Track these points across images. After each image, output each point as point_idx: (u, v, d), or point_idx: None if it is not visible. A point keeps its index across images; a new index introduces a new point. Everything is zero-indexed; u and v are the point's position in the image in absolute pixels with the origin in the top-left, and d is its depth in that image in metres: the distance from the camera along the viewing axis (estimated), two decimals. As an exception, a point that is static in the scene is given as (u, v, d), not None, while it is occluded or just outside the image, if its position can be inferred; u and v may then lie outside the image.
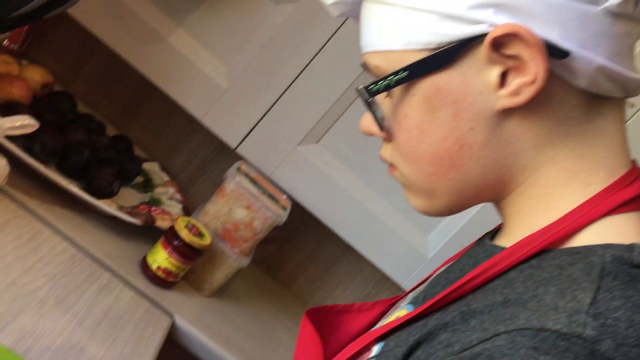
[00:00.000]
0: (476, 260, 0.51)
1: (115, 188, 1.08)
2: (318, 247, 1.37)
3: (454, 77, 0.46)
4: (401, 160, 0.52)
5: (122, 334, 0.88)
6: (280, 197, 1.14)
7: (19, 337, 0.74)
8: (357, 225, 1.17)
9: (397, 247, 1.17)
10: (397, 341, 0.48)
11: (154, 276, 1.02)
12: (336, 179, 1.17)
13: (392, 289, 1.35)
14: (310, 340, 0.59)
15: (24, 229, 0.90)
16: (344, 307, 0.67)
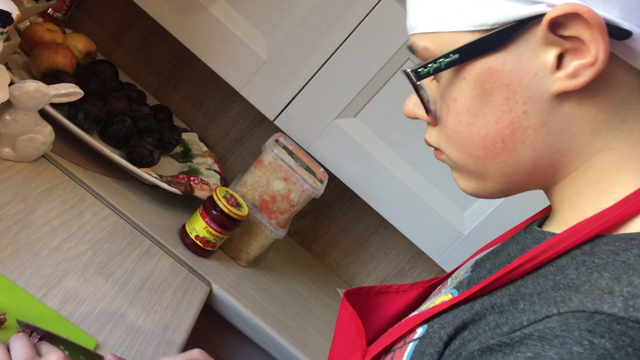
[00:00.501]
0: (524, 246, 0.50)
1: (156, 157, 1.10)
2: (353, 221, 1.37)
3: (508, 59, 0.45)
4: (448, 144, 0.51)
5: (162, 299, 0.90)
6: (318, 170, 1.14)
7: (64, 300, 0.77)
8: (393, 200, 1.17)
9: (432, 223, 1.17)
10: (442, 323, 0.48)
11: (193, 245, 1.04)
12: (373, 153, 1.16)
13: (425, 264, 1.35)
14: (351, 322, 0.59)
15: (68, 195, 0.93)
16: (382, 288, 0.67)
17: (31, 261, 0.77)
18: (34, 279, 0.75)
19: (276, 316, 1.09)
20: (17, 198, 0.84)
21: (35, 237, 0.81)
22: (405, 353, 0.49)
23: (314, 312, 1.21)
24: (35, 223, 0.83)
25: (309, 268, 1.35)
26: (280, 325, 1.07)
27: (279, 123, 1.17)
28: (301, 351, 1.05)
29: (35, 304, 0.71)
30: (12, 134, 0.87)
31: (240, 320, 1.04)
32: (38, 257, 0.78)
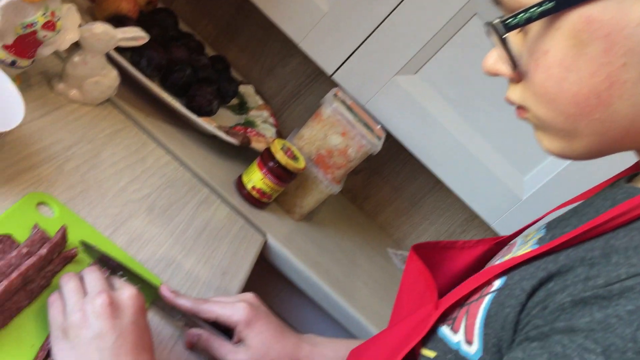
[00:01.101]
0: (614, 201, 0.49)
1: (214, 107, 1.10)
2: (406, 181, 1.36)
3: (609, 8, 0.42)
4: (536, 101, 0.49)
5: (219, 247, 0.92)
6: (375, 127, 1.13)
7: (129, 240, 0.78)
8: (450, 161, 1.15)
9: (490, 186, 1.15)
10: (523, 275, 0.46)
11: (249, 195, 1.05)
12: (432, 112, 1.14)
13: (479, 228, 1.33)
14: (420, 275, 0.59)
15: (131, 140, 0.94)
16: (448, 244, 0.66)
17: (99, 200, 0.78)
18: (101, 218, 0.77)
19: (327, 270, 1.09)
20: (84, 139, 0.85)
21: (102, 178, 0.82)
22: (482, 305, 0.48)
23: (364, 268, 1.21)
24: (102, 164, 0.84)
25: (359, 226, 1.35)
26: (331, 279, 1.08)
27: (336, 78, 1.15)
28: (351, 305, 1.06)
29: (103, 242, 0.73)
30: (80, 76, 0.88)
31: (292, 272, 1.04)
32: (105, 197, 0.80)
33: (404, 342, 0.51)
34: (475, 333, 0.47)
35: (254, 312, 0.70)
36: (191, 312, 0.70)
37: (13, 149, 0.73)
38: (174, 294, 0.70)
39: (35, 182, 0.72)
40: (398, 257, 1.32)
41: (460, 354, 0.48)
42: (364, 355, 0.58)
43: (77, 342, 0.54)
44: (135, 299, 0.57)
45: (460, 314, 0.50)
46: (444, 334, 0.50)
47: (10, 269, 0.58)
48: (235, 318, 0.69)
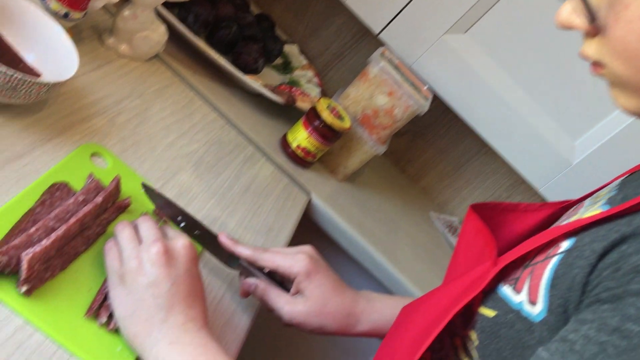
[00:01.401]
0: None
1: (260, 65, 1.09)
2: (451, 144, 1.34)
3: None
4: (614, 57, 0.47)
5: (265, 203, 0.92)
6: (422, 87, 1.11)
7: (179, 193, 0.79)
8: (498, 124, 1.12)
9: (539, 150, 1.12)
10: (594, 236, 0.45)
11: (293, 154, 1.05)
12: (482, 72, 1.11)
13: (525, 193, 1.30)
14: (478, 233, 0.57)
15: (179, 96, 0.95)
16: (509, 206, 0.64)
17: (149, 154, 0.79)
18: (152, 171, 0.78)
19: (370, 230, 1.09)
20: (134, 94, 0.86)
21: (152, 132, 0.83)
22: (548, 266, 0.47)
23: (406, 231, 1.20)
24: (151, 119, 0.85)
25: (402, 189, 1.34)
26: (374, 239, 1.08)
27: (383, 37, 1.13)
28: (393, 265, 1.05)
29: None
30: (130, 30, 0.88)
31: (336, 231, 1.05)
32: (155, 150, 0.81)
33: (459, 298, 0.50)
34: (539, 294, 0.46)
35: (314, 264, 0.69)
36: (250, 260, 0.69)
37: (68, 100, 0.74)
38: (233, 242, 0.70)
39: (89, 133, 0.73)
40: (440, 220, 1.31)
41: (522, 314, 0.47)
42: (416, 312, 0.58)
43: (134, 288, 0.55)
44: (188, 249, 0.58)
45: (523, 275, 0.49)
46: (505, 293, 0.49)
47: (68, 215, 0.59)
48: (296, 269, 0.68)
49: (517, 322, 0.47)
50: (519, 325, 0.47)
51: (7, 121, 0.64)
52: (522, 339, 0.47)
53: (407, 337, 0.55)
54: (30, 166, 0.62)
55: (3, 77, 0.59)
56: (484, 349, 0.50)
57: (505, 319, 0.48)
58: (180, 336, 0.53)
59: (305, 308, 0.67)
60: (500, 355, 0.48)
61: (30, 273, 0.52)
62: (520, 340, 0.47)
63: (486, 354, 0.50)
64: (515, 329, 0.47)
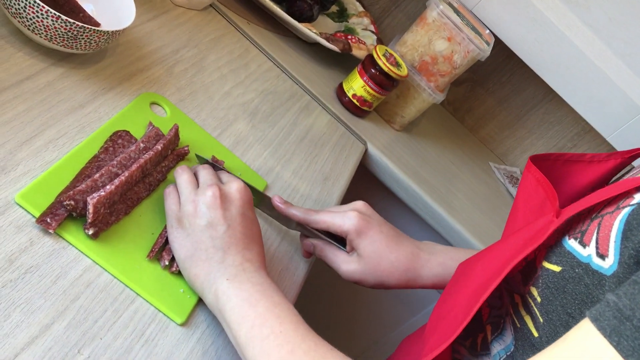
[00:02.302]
0: None
1: (315, 12, 1.07)
2: (513, 93, 1.29)
3: None
4: None
5: (321, 152, 0.92)
6: (484, 32, 1.06)
7: (236, 142, 0.80)
8: (565, 69, 1.07)
9: (608, 95, 1.06)
10: None
11: (350, 103, 1.03)
12: (548, 14, 1.05)
13: (591, 142, 1.25)
14: (538, 185, 0.54)
15: (234, 45, 0.94)
16: (573, 156, 0.60)
17: (206, 103, 0.80)
18: (209, 120, 0.78)
19: (427, 180, 1.07)
20: (190, 43, 0.86)
21: (209, 82, 0.83)
22: (618, 217, 0.44)
23: (464, 181, 1.18)
24: (207, 69, 0.85)
25: (460, 139, 1.31)
26: (431, 189, 1.06)
27: (442, -20, 1.08)
28: (450, 215, 1.04)
29: (212, 142, 0.75)
30: (185, -20, 0.88)
31: (392, 181, 1.04)
32: (212, 100, 0.81)
33: (518, 251, 0.48)
34: (610, 246, 0.43)
35: (365, 220, 0.68)
36: (303, 222, 0.69)
37: (126, 50, 0.75)
38: (286, 205, 0.69)
39: (147, 83, 0.74)
40: (501, 171, 1.27)
41: (591, 268, 0.44)
42: (475, 267, 0.56)
43: (192, 230, 0.56)
44: (243, 192, 0.59)
45: (591, 227, 0.46)
46: (572, 247, 0.47)
47: (130, 161, 0.61)
48: (346, 227, 0.67)
49: (586, 276, 0.45)
50: (587, 279, 0.44)
51: (69, 71, 0.66)
52: (591, 293, 0.44)
53: (465, 292, 0.54)
54: (92, 114, 0.64)
55: (64, 26, 0.60)
56: (548, 304, 0.48)
57: (573, 273, 0.46)
58: (238, 274, 0.55)
59: (360, 267, 0.67)
60: (566, 312, 0.46)
61: (96, 216, 0.54)
62: (589, 296, 0.44)
63: (550, 310, 0.47)
64: (583, 283, 0.45)
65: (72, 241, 0.53)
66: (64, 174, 0.56)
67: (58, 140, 0.59)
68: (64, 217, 0.53)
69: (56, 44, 0.62)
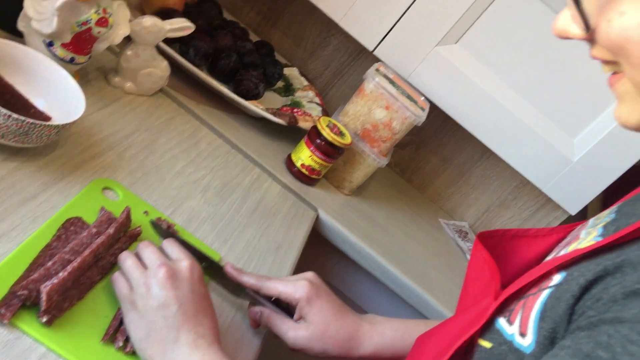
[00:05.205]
0: None
1: (261, 90, 1.14)
2: (454, 152, 1.36)
3: None
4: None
5: (273, 222, 0.96)
6: (419, 99, 1.14)
7: (189, 219, 0.83)
8: (496, 128, 1.15)
9: (539, 150, 1.14)
10: (582, 270, 0.45)
11: (299, 172, 1.08)
12: (476, 80, 1.14)
13: (530, 194, 1.32)
14: (485, 265, 0.58)
15: (185, 126, 0.99)
16: (519, 232, 0.64)
17: (158, 184, 0.84)
18: (161, 200, 0.82)
19: (380, 241, 1.12)
20: (141, 127, 0.91)
21: (160, 163, 0.87)
22: (539, 299, 0.47)
23: (416, 239, 1.23)
24: (159, 150, 0.89)
25: (410, 199, 1.37)
26: (383, 249, 1.10)
27: (378, 53, 1.17)
28: (403, 273, 1.08)
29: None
30: (133, 68, 0.93)
31: (346, 244, 1.08)
32: (163, 180, 0.85)
33: (462, 332, 0.51)
34: (529, 326, 0.47)
35: (315, 290, 0.71)
36: (255, 289, 0.72)
37: (78, 139, 0.79)
38: (238, 272, 0.73)
39: (100, 169, 0.78)
40: (450, 226, 1.33)
41: (514, 345, 0.47)
42: (427, 343, 0.58)
43: (145, 312, 0.59)
44: (192, 269, 0.62)
45: (517, 307, 0.49)
46: (501, 325, 0.50)
47: (83, 247, 0.64)
48: (297, 295, 0.70)
49: (510, 353, 0.47)
50: (511, 356, 0.47)
51: (21, 164, 0.69)
52: None
53: None
54: (45, 204, 0.67)
55: (15, 124, 0.64)
56: None
57: (500, 350, 0.48)
58: (192, 353, 0.57)
59: (308, 333, 0.70)
60: None
61: (49, 304, 0.56)
62: None
63: None
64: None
65: (26, 330, 0.55)
66: (17, 264, 0.59)
67: (11, 233, 0.61)
68: (17, 306, 0.55)
69: (8, 141, 0.66)
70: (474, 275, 0.60)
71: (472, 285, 0.60)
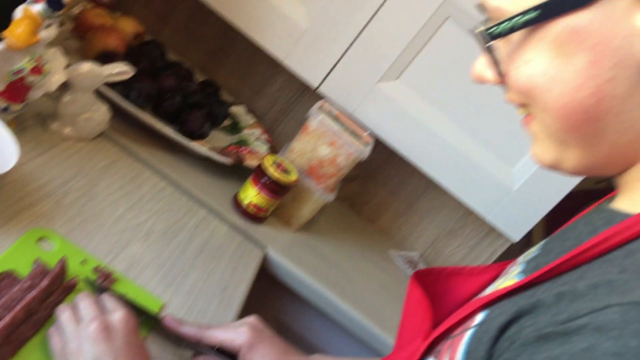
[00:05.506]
0: (594, 227, 0.47)
1: (206, 130, 1.14)
2: (401, 184, 1.39)
3: (596, 18, 0.41)
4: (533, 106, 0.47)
5: (219, 263, 0.95)
6: (363, 134, 1.16)
7: (129, 265, 0.82)
8: (439, 160, 1.18)
9: (480, 180, 1.17)
10: (502, 310, 0.45)
11: (246, 211, 1.08)
12: (417, 114, 1.17)
13: (475, 223, 1.35)
14: (419, 304, 0.58)
15: (126, 170, 0.98)
16: (454, 270, 0.65)
17: (97, 230, 0.83)
18: (100, 247, 0.81)
19: (329, 277, 1.12)
20: (80, 174, 0.89)
21: (100, 208, 0.86)
22: (463, 340, 0.48)
23: (367, 272, 1.23)
24: (98, 195, 0.88)
25: (359, 232, 1.38)
26: (333, 285, 1.10)
27: (322, 90, 1.19)
28: (355, 309, 1.08)
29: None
30: (72, 114, 0.92)
31: (295, 281, 1.08)
32: (103, 226, 0.84)
33: None
34: None
35: (256, 334, 0.71)
36: (195, 339, 0.71)
37: (12, 189, 0.77)
38: (178, 323, 0.71)
39: (35, 218, 0.76)
40: (400, 258, 1.34)
41: None
42: None
43: (78, 369, 0.57)
44: (126, 320, 0.61)
45: (444, 347, 0.50)
46: None
47: (14, 302, 0.62)
48: (238, 342, 0.70)
49: None
50: None
51: (-49, 218, 0.67)
52: None
53: None
54: (-25, 259, 0.65)
55: (-59, 179, 0.62)
56: None
57: None
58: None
59: None
60: None
61: (-24, 364, 0.54)
62: None
63: None
64: None
65: (-50, 393, 0.53)
66: (-58, 324, 0.57)
67: (-64, 291, 0.59)
68: (-59, 370, 0.53)
69: None
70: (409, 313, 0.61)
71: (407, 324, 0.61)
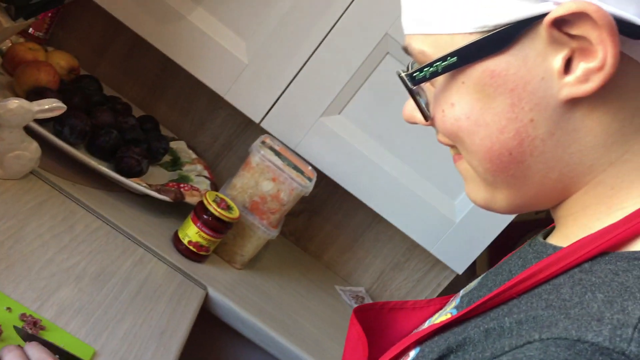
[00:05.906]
0: (525, 261, 0.47)
1: (144, 167, 1.11)
2: (346, 218, 1.38)
3: (512, 62, 0.42)
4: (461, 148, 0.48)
5: (157, 306, 0.91)
6: (306, 169, 1.15)
7: (59, 311, 0.77)
8: (383, 194, 1.18)
9: (424, 213, 1.18)
10: (433, 347, 0.46)
11: (186, 250, 1.05)
12: (360, 148, 1.17)
13: (421, 255, 1.35)
14: (358, 341, 0.58)
15: (58, 209, 0.94)
16: (397, 304, 0.64)
17: (25, 275, 0.78)
18: (28, 292, 0.76)
19: (274, 316, 1.09)
20: (7, 215, 0.84)
21: (28, 251, 0.81)
22: None
23: (312, 310, 1.21)
24: (26, 238, 0.83)
25: (305, 267, 1.36)
26: (279, 325, 1.08)
27: (265, 125, 1.18)
28: (300, 348, 1.05)
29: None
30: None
31: (238, 321, 1.04)
32: (31, 270, 0.79)
33: None
34: None
35: None
36: None
37: None
38: None
39: (-46, 264, 0.71)
40: (346, 293, 1.33)
41: None
42: None
43: None
44: None
45: None
46: None
47: None
48: None
49: None
50: None
51: None
52: None
53: None
54: None
55: None
56: None
57: None
58: None
59: None
60: None
61: None
62: None
63: None
64: None
65: None
66: None
67: None
68: None
69: None
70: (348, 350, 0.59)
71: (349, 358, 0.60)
